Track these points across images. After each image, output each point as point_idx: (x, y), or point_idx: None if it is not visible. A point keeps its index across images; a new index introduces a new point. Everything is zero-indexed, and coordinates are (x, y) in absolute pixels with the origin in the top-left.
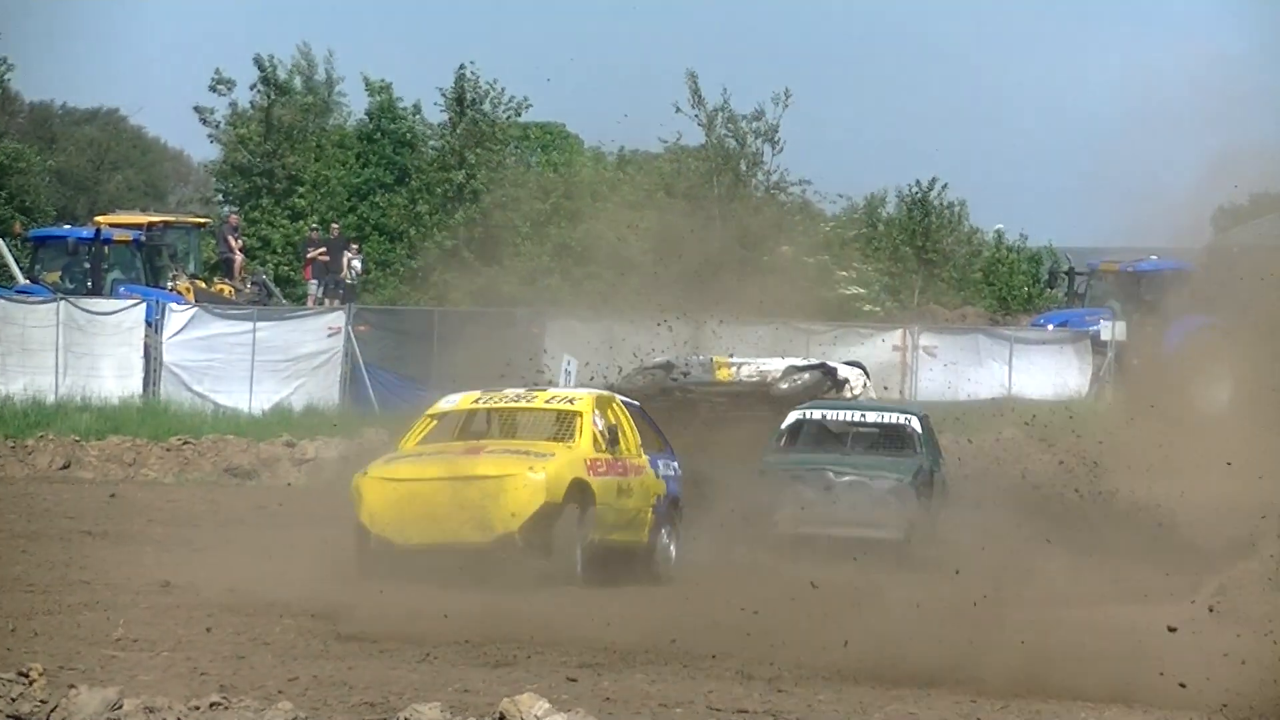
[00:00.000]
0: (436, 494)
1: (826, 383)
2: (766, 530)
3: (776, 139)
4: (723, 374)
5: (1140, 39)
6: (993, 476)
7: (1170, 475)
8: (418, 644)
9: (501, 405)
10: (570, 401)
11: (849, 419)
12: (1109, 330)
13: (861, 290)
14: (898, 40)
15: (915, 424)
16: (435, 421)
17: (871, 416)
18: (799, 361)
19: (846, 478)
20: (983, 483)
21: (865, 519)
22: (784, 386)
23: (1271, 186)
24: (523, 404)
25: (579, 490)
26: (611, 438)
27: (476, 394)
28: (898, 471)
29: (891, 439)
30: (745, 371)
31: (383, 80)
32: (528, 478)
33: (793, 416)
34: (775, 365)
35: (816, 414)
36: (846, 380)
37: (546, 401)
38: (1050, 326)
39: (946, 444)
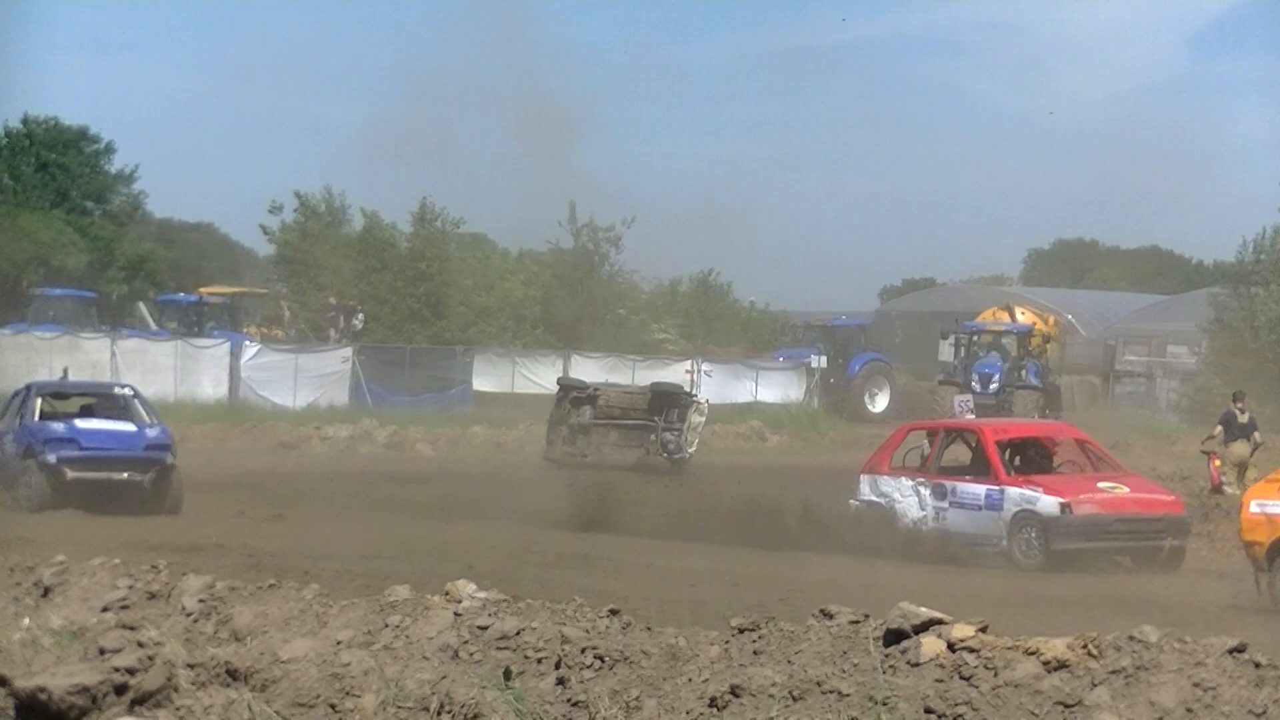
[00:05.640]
0: None
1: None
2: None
3: (620, 244)
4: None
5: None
6: None
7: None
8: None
9: None
10: None
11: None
12: (816, 362)
13: (667, 336)
14: (692, 188)
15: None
16: None
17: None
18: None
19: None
20: None
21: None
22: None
23: (917, 274)
24: None
25: None
26: None
27: None
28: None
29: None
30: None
31: (373, 210)
32: None
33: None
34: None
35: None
36: (694, 397)
37: None
38: (781, 359)
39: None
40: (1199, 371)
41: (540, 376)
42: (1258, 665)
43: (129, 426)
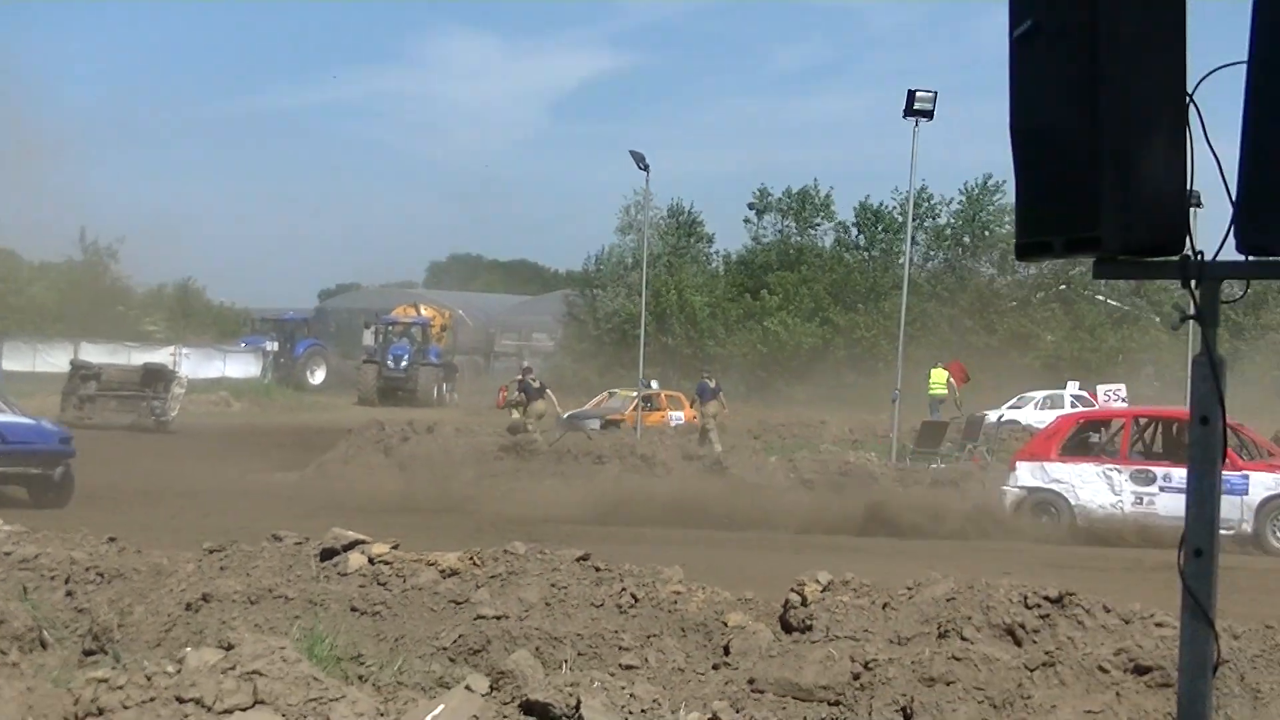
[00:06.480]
0: None
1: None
2: None
3: (117, 257)
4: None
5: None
6: None
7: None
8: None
9: None
10: None
11: None
12: (270, 346)
13: (155, 328)
14: (174, 214)
15: None
16: None
17: None
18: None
19: None
20: None
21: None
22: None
23: (346, 280)
24: None
25: None
26: None
27: None
28: None
29: None
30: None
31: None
32: None
33: None
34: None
35: None
36: (176, 374)
37: None
38: (243, 344)
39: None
40: (555, 351)
41: (57, 359)
42: (598, 569)
43: (30, 420)
